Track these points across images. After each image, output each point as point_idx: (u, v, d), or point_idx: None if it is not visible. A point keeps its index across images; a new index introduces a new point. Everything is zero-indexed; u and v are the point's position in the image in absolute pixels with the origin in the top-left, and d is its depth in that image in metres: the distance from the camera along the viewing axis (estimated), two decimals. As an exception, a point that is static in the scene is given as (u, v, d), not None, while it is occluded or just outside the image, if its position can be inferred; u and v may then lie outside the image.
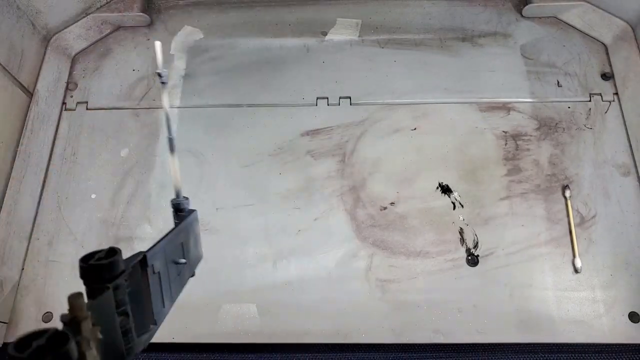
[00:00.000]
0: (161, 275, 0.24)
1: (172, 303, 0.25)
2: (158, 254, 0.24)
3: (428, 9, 0.80)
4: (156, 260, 0.23)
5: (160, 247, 0.24)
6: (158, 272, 0.24)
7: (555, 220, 0.63)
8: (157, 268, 0.23)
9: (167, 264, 0.25)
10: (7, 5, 0.68)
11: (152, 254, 0.23)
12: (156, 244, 0.23)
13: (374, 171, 0.68)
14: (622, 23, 0.74)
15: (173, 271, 0.25)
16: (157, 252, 0.23)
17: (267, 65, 0.76)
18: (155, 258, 0.23)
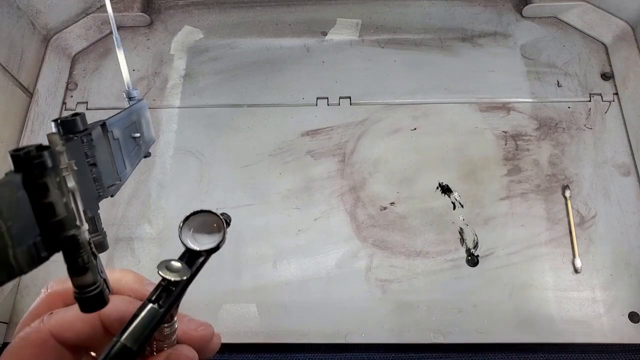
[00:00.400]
0: (120, 143, 0.28)
1: (133, 168, 0.30)
2: (115, 124, 0.28)
3: (428, 9, 0.80)
4: (114, 128, 0.28)
5: (116, 119, 0.28)
6: (117, 139, 0.28)
7: (555, 221, 0.63)
8: (116, 135, 0.28)
9: (125, 137, 0.30)
10: (7, 5, 0.69)
11: (111, 122, 0.27)
12: (112, 117, 0.28)
13: (374, 171, 0.68)
14: (622, 23, 0.74)
15: (131, 144, 0.31)
16: (114, 122, 0.28)
17: (267, 65, 0.76)
18: (114, 127, 0.27)
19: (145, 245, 0.64)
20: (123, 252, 0.64)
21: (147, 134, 0.34)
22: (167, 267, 0.24)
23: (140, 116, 0.34)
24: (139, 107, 0.34)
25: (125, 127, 0.30)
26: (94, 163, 0.24)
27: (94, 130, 0.24)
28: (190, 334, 0.27)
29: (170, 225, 0.65)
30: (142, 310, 0.22)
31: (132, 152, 0.31)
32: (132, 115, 0.32)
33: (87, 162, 0.24)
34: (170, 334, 0.25)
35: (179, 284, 0.24)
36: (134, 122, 0.32)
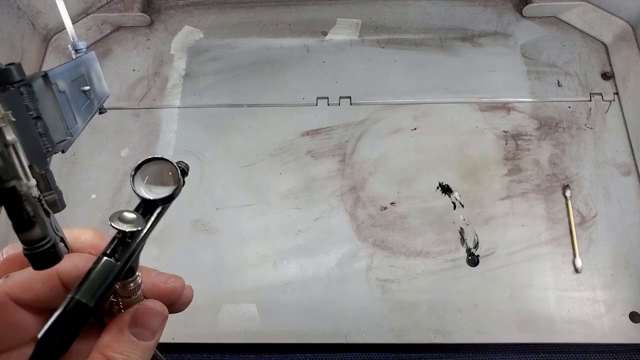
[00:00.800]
0: (68, 96, 0.27)
1: (85, 123, 0.29)
2: (59, 75, 0.26)
3: (428, 9, 0.80)
4: (59, 80, 0.26)
5: (60, 70, 0.27)
6: (64, 92, 0.26)
7: (555, 220, 0.63)
8: (62, 88, 0.26)
9: (73, 90, 0.28)
10: (7, 6, 0.69)
11: (53, 74, 0.25)
12: (55, 67, 0.26)
13: (374, 171, 0.67)
14: (623, 22, 0.74)
15: (81, 98, 0.29)
16: (57, 74, 0.26)
17: (267, 65, 0.76)
18: (58, 78, 0.26)
19: (145, 245, 0.64)
20: (123, 252, 0.64)
21: (98, 87, 0.33)
22: (119, 218, 0.23)
23: (89, 69, 0.32)
24: (86, 58, 0.32)
25: (73, 79, 0.29)
26: (37, 116, 0.23)
27: (34, 81, 0.23)
28: (159, 287, 0.26)
29: (170, 225, 0.65)
30: (97, 265, 0.21)
31: (82, 106, 0.30)
32: (80, 68, 0.31)
33: (30, 115, 0.23)
34: (134, 289, 0.24)
35: (135, 235, 0.23)
36: (82, 75, 0.31)
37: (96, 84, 0.32)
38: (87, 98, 0.31)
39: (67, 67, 0.28)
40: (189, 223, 0.65)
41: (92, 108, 0.32)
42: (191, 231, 0.65)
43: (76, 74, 0.30)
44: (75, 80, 0.29)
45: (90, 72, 0.32)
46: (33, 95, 0.23)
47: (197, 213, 0.66)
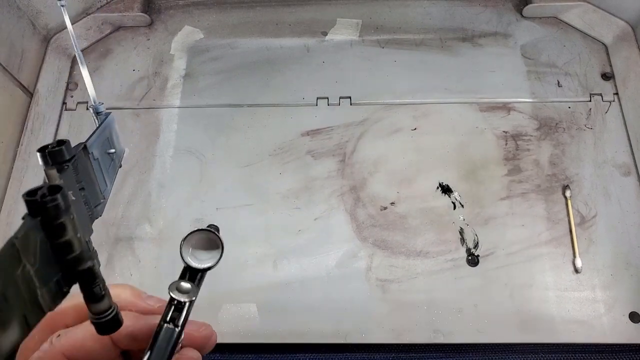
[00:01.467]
0: (100, 162, 0.30)
1: (112, 184, 0.31)
2: (94, 144, 0.29)
3: (428, 9, 0.80)
4: (94, 149, 0.28)
5: (94, 139, 0.29)
6: (97, 159, 0.29)
7: (555, 220, 0.63)
8: (95, 155, 0.29)
9: (102, 154, 0.31)
10: (7, 6, 0.69)
11: (90, 143, 0.28)
12: (89, 138, 0.29)
13: (374, 171, 0.67)
14: (623, 23, 0.74)
15: (107, 160, 0.32)
16: (93, 143, 0.28)
17: (267, 65, 0.76)
18: (93, 147, 0.28)
19: (145, 245, 0.64)
20: (123, 252, 0.64)
21: (118, 147, 0.34)
22: (177, 289, 0.27)
23: (111, 131, 0.34)
24: (109, 121, 0.34)
25: (101, 144, 0.31)
26: (82, 187, 0.25)
27: (77, 155, 0.24)
28: (193, 335, 0.29)
29: (170, 225, 0.65)
30: (160, 333, 0.24)
31: (109, 168, 0.32)
32: (105, 132, 0.32)
33: (77, 188, 0.24)
34: (180, 346, 0.27)
35: (191, 303, 0.27)
36: (107, 138, 0.32)
37: (116, 143, 0.34)
38: (111, 159, 0.33)
39: (97, 134, 0.30)
40: (189, 223, 0.65)
41: (115, 168, 0.33)
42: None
43: (102, 138, 0.32)
44: (102, 145, 0.31)
45: (112, 133, 0.34)
46: (77, 168, 0.24)
47: (197, 213, 0.66)
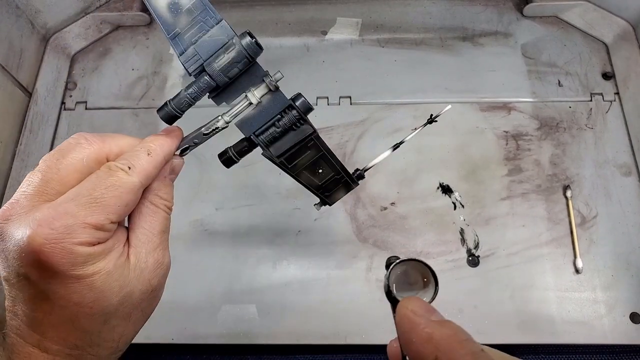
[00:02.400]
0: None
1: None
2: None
3: (428, 9, 0.80)
4: None
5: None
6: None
7: (556, 221, 0.63)
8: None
9: None
10: (6, 5, 0.68)
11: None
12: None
13: (374, 171, 0.67)
14: (623, 22, 0.74)
15: None
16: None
17: (267, 65, 0.75)
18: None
19: (145, 246, 0.64)
20: (122, 253, 0.63)
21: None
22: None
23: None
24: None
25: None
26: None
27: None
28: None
29: (170, 226, 0.65)
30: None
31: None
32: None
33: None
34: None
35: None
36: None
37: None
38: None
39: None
40: (189, 223, 0.65)
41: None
42: (191, 231, 0.64)
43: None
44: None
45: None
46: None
47: (197, 213, 0.66)
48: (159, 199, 0.35)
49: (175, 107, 0.36)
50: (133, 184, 0.31)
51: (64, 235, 0.28)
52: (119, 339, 0.33)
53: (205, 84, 0.35)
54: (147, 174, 0.33)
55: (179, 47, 0.34)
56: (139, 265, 0.32)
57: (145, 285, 0.33)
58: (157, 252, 0.34)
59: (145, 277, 0.33)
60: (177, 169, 0.37)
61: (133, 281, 0.32)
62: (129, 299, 0.32)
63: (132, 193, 0.32)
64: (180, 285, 0.61)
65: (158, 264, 0.34)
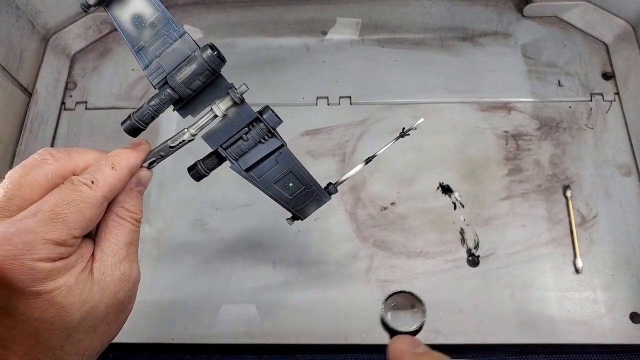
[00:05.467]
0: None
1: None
2: None
3: (428, 9, 0.80)
4: None
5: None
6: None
7: (556, 221, 0.63)
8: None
9: None
10: (6, 5, 0.68)
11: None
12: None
13: (374, 171, 0.67)
14: (623, 22, 0.74)
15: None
16: None
17: (267, 65, 0.76)
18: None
19: (145, 245, 0.64)
20: (122, 253, 0.63)
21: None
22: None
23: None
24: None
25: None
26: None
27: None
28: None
29: (170, 226, 0.65)
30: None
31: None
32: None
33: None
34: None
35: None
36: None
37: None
38: None
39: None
40: (189, 223, 0.65)
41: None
42: (191, 231, 0.64)
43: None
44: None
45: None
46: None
47: (197, 213, 0.66)
48: (125, 212, 0.34)
49: (138, 120, 0.36)
50: (96, 198, 0.32)
51: (23, 252, 0.28)
52: (83, 352, 0.32)
53: (167, 96, 0.35)
54: (111, 188, 0.33)
55: (144, 60, 0.35)
56: (104, 279, 0.32)
57: (110, 299, 0.33)
58: (124, 265, 0.34)
59: (111, 290, 0.33)
60: (144, 181, 0.37)
61: (97, 295, 0.32)
62: (93, 314, 0.32)
63: (95, 207, 0.32)
64: (180, 285, 0.61)
65: (125, 277, 0.34)
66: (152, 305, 0.60)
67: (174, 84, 0.34)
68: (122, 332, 0.59)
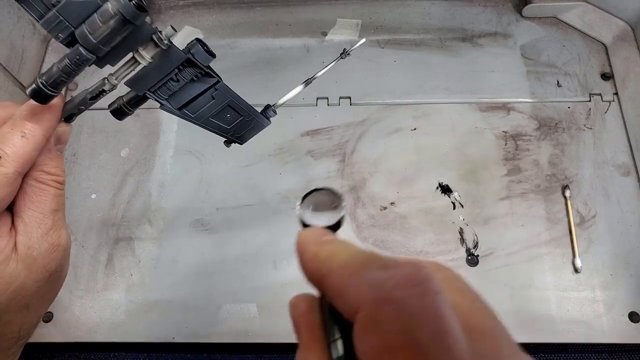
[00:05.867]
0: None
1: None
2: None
3: (428, 9, 0.80)
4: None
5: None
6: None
7: (555, 220, 0.63)
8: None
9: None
10: (7, 6, 0.69)
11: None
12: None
13: (374, 171, 0.68)
14: (622, 23, 0.75)
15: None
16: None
17: (267, 65, 0.76)
18: None
19: (146, 245, 0.64)
20: (123, 252, 0.64)
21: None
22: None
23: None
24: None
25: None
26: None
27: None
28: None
29: (170, 225, 0.65)
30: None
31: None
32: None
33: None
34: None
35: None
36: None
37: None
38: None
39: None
40: (189, 223, 0.65)
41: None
42: (191, 231, 0.65)
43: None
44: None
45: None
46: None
47: (197, 213, 0.66)
48: (46, 175, 0.31)
49: (45, 84, 0.29)
50: (7, 176, 0.28)
51: None
52: (19, 330, 0.31)
53: (82, 57, 0.29)
54: (24, 160, 0.29)
55: (34, 9, 0.27)
56: (30, 254, 0.30)
57: (40, 274, 0.30)
58: (51, 235, 0.31)
59: (39, 264, 0.30)
60: (64, 138, 0.33)
61: (23, 273, 0.29)
62: (22, 292, 0.30)
63: (7, 187, 0.28)
64: (181, 285, 0.62)
65: (53, 247, 0.31)
66: (153, 304, 0.61)
67: (89, 45, 0.28)
68: (123, 332, 0.60)
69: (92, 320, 0.60)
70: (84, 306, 0.61)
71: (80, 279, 0.62)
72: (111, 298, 0.61)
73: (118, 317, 0.60)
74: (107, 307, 0.61)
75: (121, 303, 0.61)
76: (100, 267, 0.63)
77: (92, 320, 0.60)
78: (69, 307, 0.61)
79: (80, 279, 0.62)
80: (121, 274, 0.63)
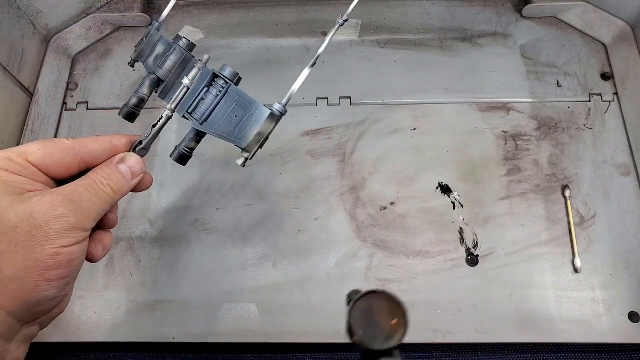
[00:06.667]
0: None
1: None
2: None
3: (428, 9, 0.80)
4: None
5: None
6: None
7: (555, 220, 0.64)
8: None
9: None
10: (7, 6, 0.69)
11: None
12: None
13: (374, 171, 0.68)
14: (622, 23, 0.75)
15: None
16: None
17: (267, 65, 0.76)
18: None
19: (146, 245, 0.64)
20: (123, 252, 0.64)
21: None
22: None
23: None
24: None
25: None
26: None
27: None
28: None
29: (170, 225, 0.65)
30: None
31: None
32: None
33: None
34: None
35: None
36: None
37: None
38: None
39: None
40: (189, 223, 0.65)
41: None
42: (191, 231, 0.65)
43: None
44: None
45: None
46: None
47: (197, 213, 0.66)
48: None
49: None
50: (112, 201, 0.38)
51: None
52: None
53: (148, 79, 0.42)
54: (122, 196, 0.38)
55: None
56: (35, 223, 0.34)
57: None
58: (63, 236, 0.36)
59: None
60: (135, 165, 0.40)
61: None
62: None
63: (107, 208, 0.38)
64: (181, 285, 0.62)
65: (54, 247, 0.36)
66: (153, 304, 0.61)
67: (149, 67, 0.42)
68: (123, 332, 0.60)
69: (92, 320, 0.60)
70: (84, 306, 0.61)
71: (80, 279, 0.62)
72: (111, 298, 0.61)
73: (118, 317, 0.60)
74: (107, 307, 0.61)
75: (121, 303, 0.61)
76: (100, 267, 0.63)
77: (92, 320, 0.60)
78: (69, 307, 0.61)
79: (80, 279, 0.62)
80: (121, 274, 0.63)
